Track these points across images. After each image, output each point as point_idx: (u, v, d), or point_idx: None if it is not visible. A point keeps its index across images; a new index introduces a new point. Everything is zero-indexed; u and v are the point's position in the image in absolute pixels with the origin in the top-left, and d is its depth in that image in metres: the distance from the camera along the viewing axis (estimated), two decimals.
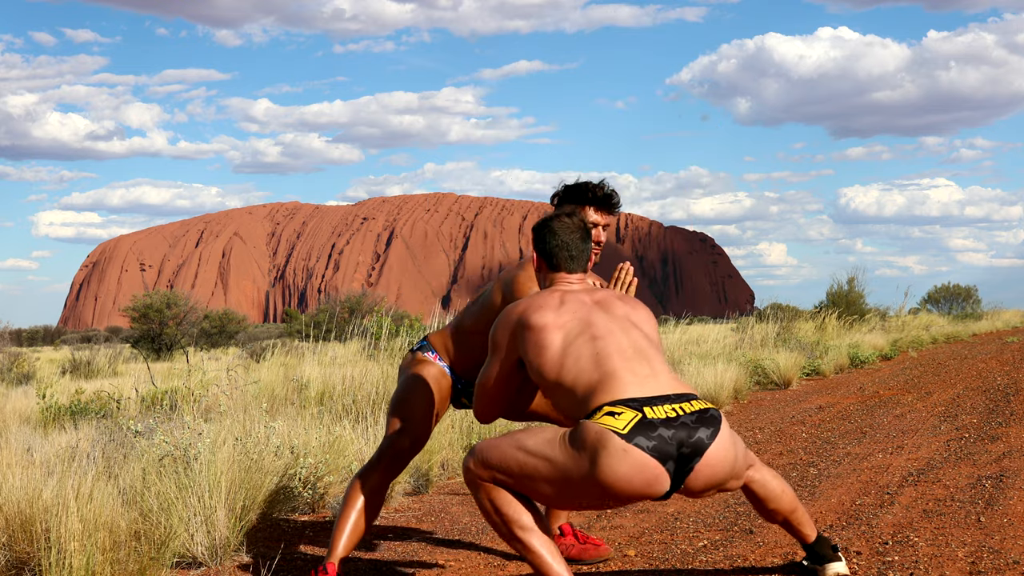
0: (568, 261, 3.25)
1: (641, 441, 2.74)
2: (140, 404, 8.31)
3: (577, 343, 2.99)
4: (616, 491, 2.78)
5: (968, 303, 36.78)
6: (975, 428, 6.98)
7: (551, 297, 3.14)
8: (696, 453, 2.80)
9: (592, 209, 3.60)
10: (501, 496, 3.01)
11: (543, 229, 3.29)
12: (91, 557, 3.28)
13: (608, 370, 2.91)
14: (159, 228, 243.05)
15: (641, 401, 2.82)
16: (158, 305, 26.83)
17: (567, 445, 2.87)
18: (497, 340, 3.17)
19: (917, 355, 16.42)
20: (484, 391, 3.24)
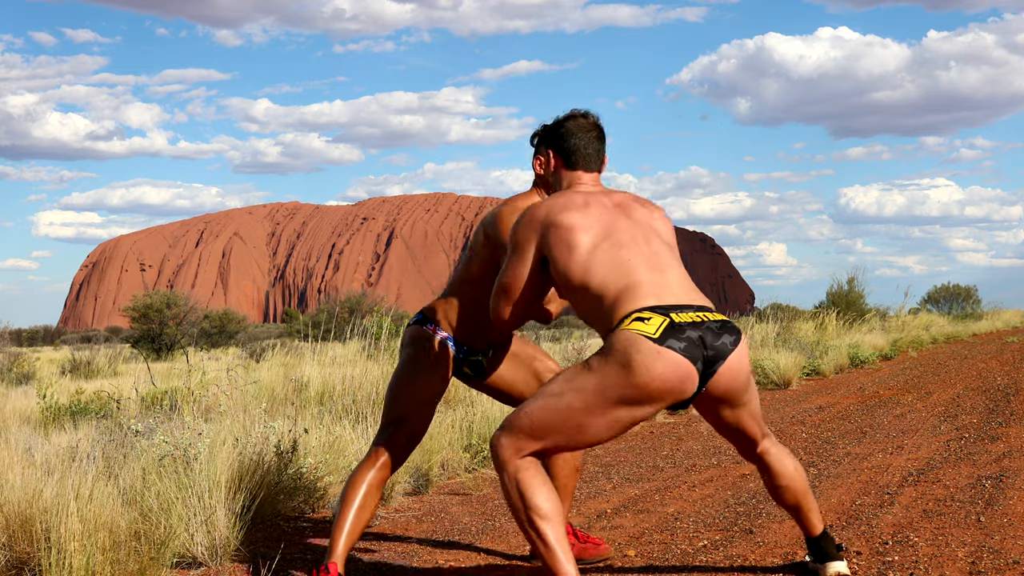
0: (586, 160, 3.28)
1: (673, 343, 2.86)
2: (140, 404, 8.31)
3: (603, 247, 3.05)
4: (652, 391, 2.87)
5: (968, 303, 36.78)
6: (975, 428, 6.98)
7: (575, 197, 3.17)
8: (720, 357, 2.94)
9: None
10: (528, 480, 2.97)
11: (558, 129, 3.31)
12: (91, 557, 3.28)
13: (633, 279, 2.99)
14: (159, 228, 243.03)
15: (667, 308, 2.94)
16: (158, 305, 26.83)
17: (598, 362, 2.93)
18: (520, 239, 3.16)
19: (917, 355, 16.42)
20: (504, 292, 3.20)
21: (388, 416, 3.58)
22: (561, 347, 14.04)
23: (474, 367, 3.71)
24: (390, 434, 3.55)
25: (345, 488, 3.53)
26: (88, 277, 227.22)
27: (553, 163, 3.35)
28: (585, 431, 2.96)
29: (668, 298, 2.98)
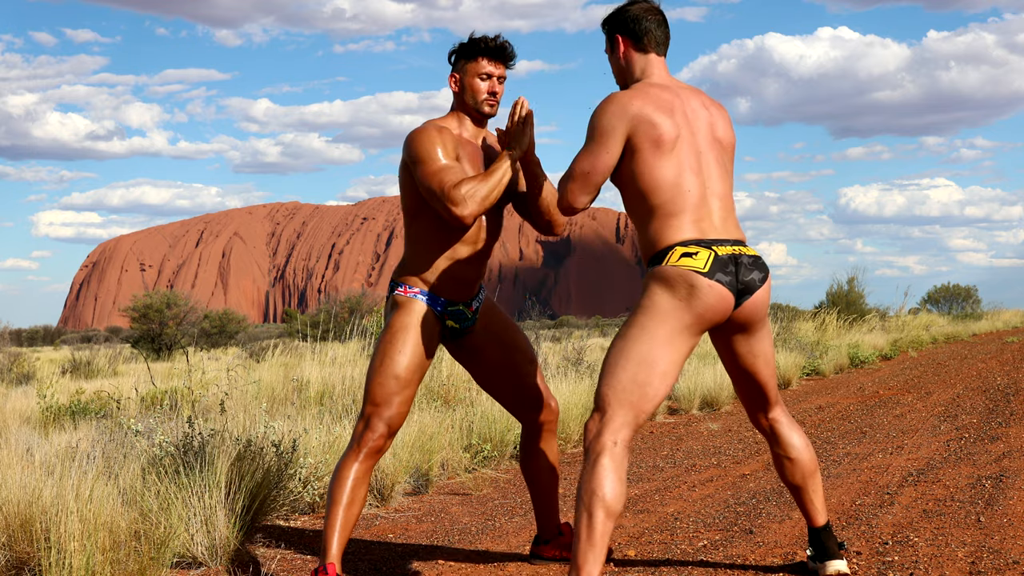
0: (658, 43, 3.33)
1: (720, 277, 3.09)
2: (140, 404, 8.31)
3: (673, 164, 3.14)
4: (705, 319, 3.10)
5: (968, 303, 36.78)
6: (975, 428, 6.98)
7: (663, 95, 3.21)
8: (748, 291, 3.16)
9: (485, 60, 3.59)
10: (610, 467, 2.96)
11: (624, 14, 3.34)
12: (91, 557, 3.28)
13: (685, 206, 3.14)
14: (159, 228, 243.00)
15: (710, 241, 3.13)
16: (158, 305, 26.81)
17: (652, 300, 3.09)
18: (606, 125, 3.16)
19: (917, 355, 16.42)
20: (582, 177, 3.19)
21: (366, 402, 3.50)
22: (561, 347, 14.04)
23: (456, 317, 3.63)
24: (369, 422, 3.47)
25: (331, 485, 3.47)
26: (88, 277, 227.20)
27: (623, 47, 3.34)
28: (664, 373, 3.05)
29: (710, 232, 3.15)
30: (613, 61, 3.42)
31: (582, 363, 10.21)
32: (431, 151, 3.49)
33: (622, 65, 3.37)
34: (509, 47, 3.64)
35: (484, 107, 3.61)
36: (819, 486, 3.44)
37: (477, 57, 3.60)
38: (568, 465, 6.38)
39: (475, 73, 3.60)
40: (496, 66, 3.62)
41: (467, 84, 3.62)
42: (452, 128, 3.62)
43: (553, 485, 3.87)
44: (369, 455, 3.47)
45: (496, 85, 3.62)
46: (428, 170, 3.46)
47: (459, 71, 3.64)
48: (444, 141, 3.53)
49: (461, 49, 3.63)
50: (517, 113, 3.52)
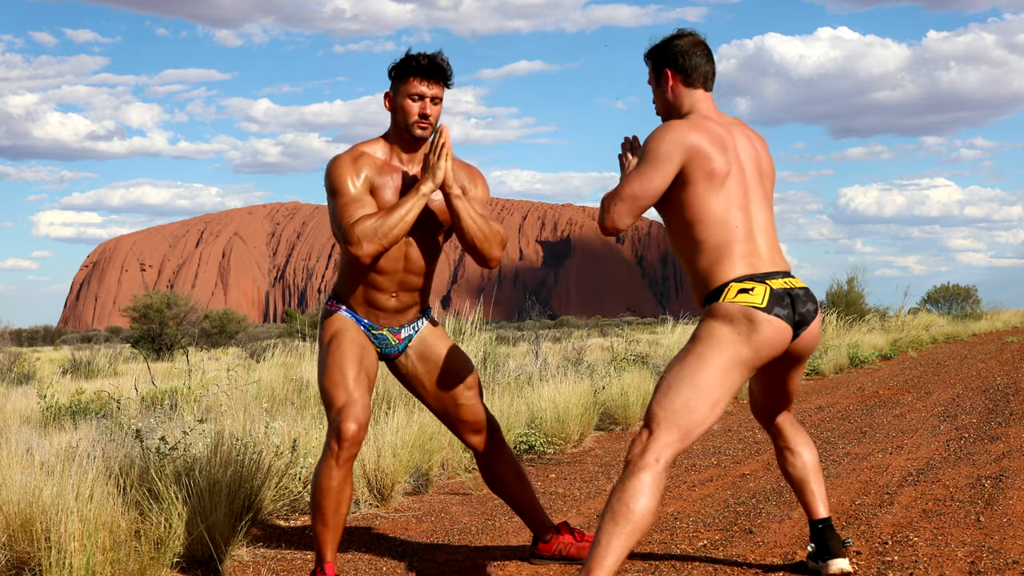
0: (705, 78, 3.35)
1: (778, 311, 3.13)
2: (140, 404, 8.31)
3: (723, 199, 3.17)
4: (764, 354, 3.12)
5: (968, 303, 36.77)
6: (975, 428, 6.98)
7: (717, 130, 3.24)
8: (805, 322, 3.21)
9: (416, 79, 3.44)
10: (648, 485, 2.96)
11: (675, 47, 3.33)
12: (91, 557, 3.28)
13: (733, 242, 3.17)
14: (159, 228, 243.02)
15: (764, 276, 3.17)
16: (158, 305, 26.80)
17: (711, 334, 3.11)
18: (663, 151, 3.16)
19: (917, 355, 16.42)
20: (632, 199, 3.18)
21: (329, 408, 3.42)
22: (561, 347, 14.03)
23: (379, 342, 3.61)
24: (339, 426, 3.34)
25: (315, 496, 3.37)
26: (88, 277, 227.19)
27: (672, 82, 3.34)
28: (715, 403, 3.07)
29: (761, 266, 3.19)
30: (659, 94, 3.42)
31: (582, 363, 10.21)
32: (342, 183, 3.40)
33: (669, 99, 3.38)
34: (444, 65, 3.48)
35: (415, 130, 3.47)
36: (821, 479, 3.50)
37: (408, 76, 3.45)
38: (567, 465, 6.38)
39: (406, 93, 3.46)
40: (429, 86, 3.46)
41: (399, 105, 3.48)
42: (377, 153, 3.51)
43: (524, 491, 3.86)
44: (347, 458, 3.35)
45: (428, 107, 3.46)
46: (336, 204, 3.39)
47: (392, 90, 3.52)
48: (358, 171, 3.43)
49: (394, 67, 3.50)
50: (435, 144, 3.40)
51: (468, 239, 3.45)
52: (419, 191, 3.38)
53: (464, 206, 3.45)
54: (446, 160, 3.39)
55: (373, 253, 3.34)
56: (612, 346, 12.24)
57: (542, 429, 6.81)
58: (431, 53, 3.48)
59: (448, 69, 3.50)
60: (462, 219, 3.44)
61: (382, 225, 3.33)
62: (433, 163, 3.39)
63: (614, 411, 8.11)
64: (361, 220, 3.34)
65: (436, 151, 3.40)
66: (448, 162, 3.40)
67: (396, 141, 3.55)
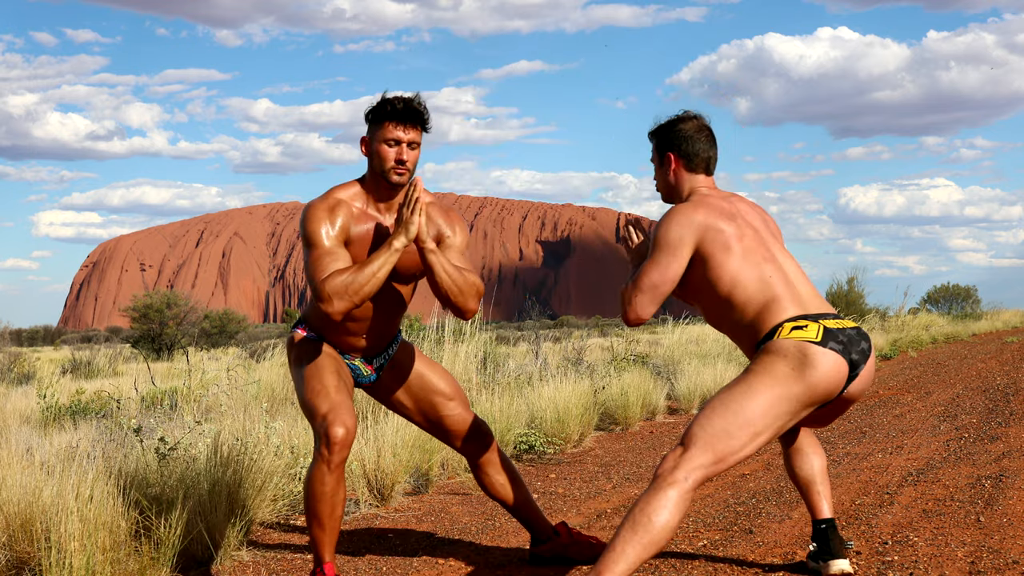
0: (707, 164, 3.39)
1: (833, 346, 3.09)
2: (140, 404, 8.31)
3: (750, 261, 3.21)
4: (819, 390, 3.07)
5: (968, 303, 36.76)
6: (975, 428, 6.98)
7: (722, 204, 3.30)
8: (862, 361, 3.16)
9: (392, 124, 3.37)
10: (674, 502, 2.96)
11: (678, 132, 3.37)
12: (91, 557, 3.28)
13: (775, 293, 3.18)
14: (159, 228, 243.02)
15: (816, 315, 3.16)
16: (158, 305, 26.80)
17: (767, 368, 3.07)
18: (674, 237, 3.22)
19: (917, 355, 16.41)
20: (651, 290, 3.23)
21: (313, 419, 3.38)
22: (561, 347, 14.03)
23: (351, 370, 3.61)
24: (327, 432, 3.30)
25: (309, 502, 3.33)
26: (88, 277, 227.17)
27: (673, 165, 3.40)
28: (756, 434, 3.04)
29: (809, 308, 3.19)
30: (660, 175, 3.47)
31: (582, 363, 10.21)
32: (316, 235, 3.34)
33: (670, 182, 3.43)
34: (421, 109, 3.40)
35: (391, 176, 3.39)
36: (827, 481, 3.51)
37: (384, 121, 3.38)
38: (567, 465, 6.38)
39: (382, 139, 3.38)
40: (406, 131, 3.38)
41: (375, 150, 3.41)
42: (354, 201, 3.44)
43: (520, 495, 3.85)
44: (339, 462, 3.32)
45: (405, 152, 3.38)
46: (310, 256, 3.34)
47: (368, 135, 3.44)
48: (333, 221, 3.37)
49: (370, 111, 3.43)
50: (409, 198, 3.31)
51: (442, 293, 3.38)
52: (392, 246, 3.30)
53: (438, 260, 3.36)
54: (419, 215, 3.30)
55: (344, 311, 3.27)
56: (612, 346, 12.24)
57: (542, 429, 6.81)
58: (407, 96, 3.40)
59: (425, 113, 3.42)
60: (436, 274, 3.36)
61: (353, 282, 3.25)
62: (406, 217, 3.30)
63: (614, 411, 8.11)
64: (332, 276, 3.26)
65: (409, 205, 3.30)
66: (421, 216, 3.31)
67: (372, 187, 3.47)
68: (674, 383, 9.86)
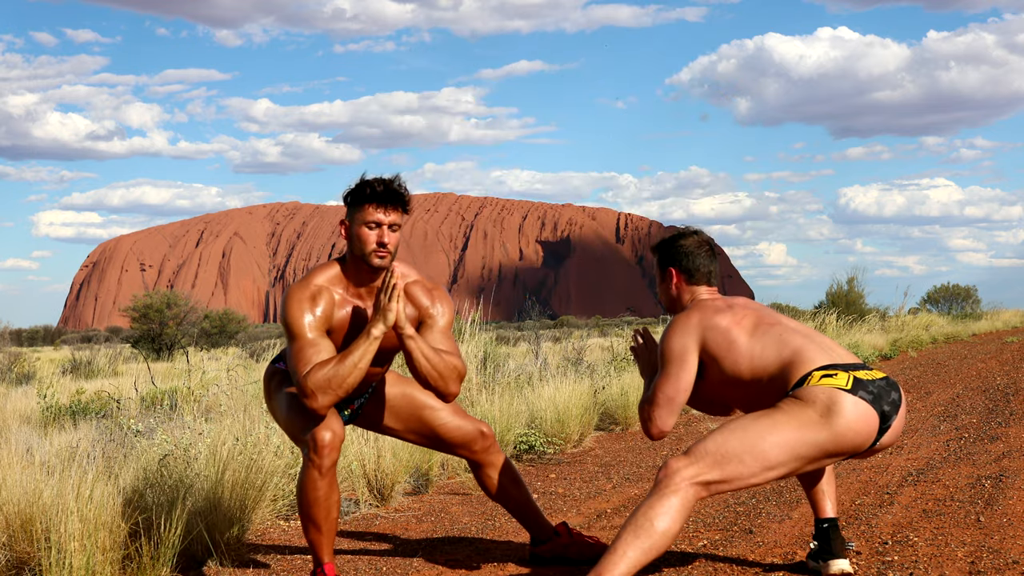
0: (707, 276, 3.49)
1: (863, 395, 3.07)
2: (140, 404, 8.32)
3: (758, 333, 3.25)
4: (846, 440, 3.05)
5: (968, 303, 36.77)
6: (975, 428, 6.98)
7: (716, 302, 3.39)
8: (894, 412, 3.13)
9: (372, 207, 3.33)
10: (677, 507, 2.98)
11: (674, 249, 3.50)
12: (91, 557, 3.28)
13: (797, 346, 3.19)
14: (159, 228, 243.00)
15: (846, 365, 3.13)
16: (158, 305, 26.81)
17: (795, 407, 3.06)
18: (677, 347, 3.30)
19: (917, 355, 16.41)
20: (669, 404, 3.29)
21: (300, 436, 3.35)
22: (561, 347, 14.04)
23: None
24: (315, 441, 3.28)
25: (303, 507, 3.32)
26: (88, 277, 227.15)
27: (676, 279, 3.50)
28: (768, 467, 3.04)
29: (838, 359, 3.17)
30: (663, 289, 3.57)
31: (582, 363, 10.21)
32: (298, 324, 3.30)
33: (672, 295, 3.53)
34: (402, 191, 3.36)
35: (372, 259, 3.35)
36: (832, 480, 3.52)
37: (364, 204, 3.33)
38: (567, 465, 6.38)
39: (362, 221, 3.34)
40: (387, 212, 3.34)
41: (355, 233, 3.36)
42: (335, 286, 3.41)
43: (521, 496, 3.85)
44: (329, 466, 3.30)
45: (386, 235, 3.34)
46: (292, 348, 3.30)
47: (348, 217, 3.39)
48: (315, 309, 3.33)
49: (350, 193, 3.38)
50: (386, 284, 3.27)
51: (421, 377, 3.35)
52: (370, 335, 3.26)
53: (416, 346, 3.32)
54: (396, 301, 3.26)
55: (328, 405, 3.24)
56: (612, 346, 12.24)
57: (542, 429, 6.81)
58: (388, 178, 3.37)
59: (406, 195, 3.38)
60: (416, 359, 3.32)
61: (335, 376, 3.22)
62: (384, 305, 3.26)
63: (614, 411, 8.11)
64: (315, 370, 3.22)
65: (387, 292, 3.27)
66: (399, 303, 3.27)
67: (353, 271, 3.43)
68: None
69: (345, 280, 3.44)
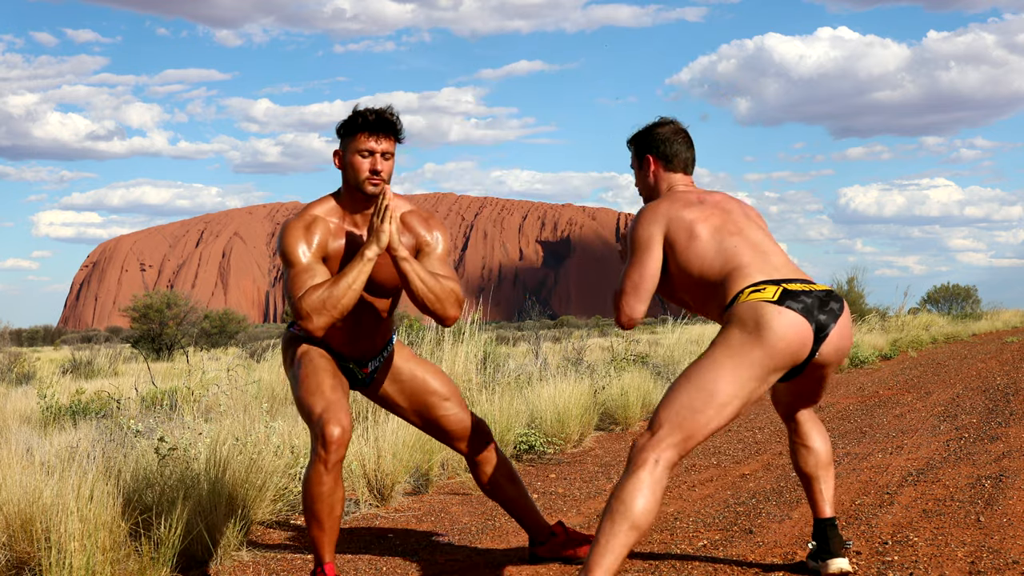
0: (684, 163, 3.48)
1: (791, 304, 3.07)
2: (140, 404, 8.31)
3: (716, 237, 3.25)
4: (778, 352, 3.04)
5: (968, 303, 36.74)
6: (975, 428, 6.98)
7: (689, 195, 3.38)
8: (829, 322, 3.13)
9: (364, 135, 3.37)
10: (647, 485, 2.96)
11: (656, 135, 3.47)
12: (91, 557, 3.28)
13: (742, 261, 3.20)
14: (159, 228, 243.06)
15: (779, 280, 3.15)
16: (158, 305, 26.80)
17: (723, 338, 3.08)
18: (644, 235, 3.30)
19: (917, 355, 16.41)
20: (635, 291, 3.29)
21: (310, 420, 3.38)
22: (561, 347, 14.03)
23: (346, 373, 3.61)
24: (323, 432, 3.29)
25: (307, 502, 3.33)
26: (88, 277, 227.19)
27: (653, 167, 3.49)
28: (723, 405, 3.04)
29: (776, 275, 3.19)
30: (640, 177, 3.55)
31: (582, 363, 10.21)
32: (293, 253, 3.36)
33: (650, 183, 3.52)
34: (393, 118, 3.39)
35: (367, 187, 3.38)
36: (831, 478, 3.50)
37: (357, 133, 3.38)
38: (567, 465, 6.38)
39: (355, 150, 3.38)
40: (379, 141, 3.38)
41: (348, 162, 3.40)
42: (330, 217, 3.44)
43: (519, 494, 3.85)
44: (336, 461, 3.31)
45: (379, 162, 3.37)
46: (289, 275, 3.37)
47: (342, 147, 3.44)
48: (310, 238, 3.38)
49: (342, 124, 3.43)
50: (379, 206, 3.31)
51: (419, 300, 3.37)
52: (364, 256, 3.30)
53: (412, 268, 3.35)
54: (390, 223, 3.30)
55: (324, 326, 3.29)
56: (612, 346, 12.23)
57: (542, 429, 6.81)
58: (380, 108, 3.40)
59: (398, 123, 3.41)
60: (411, 281, 3.35)
61: (329, 297, 3.26)
62: (377, 226, 3.29)
63: (614, 411, 8.11)
64: (309, 293, 3.27)
65: (380, 213, 3.30)
66: (393, 224, 3.30)
67: (348, 201, 3.47)
68: None
69: (341, 210, 3.48)
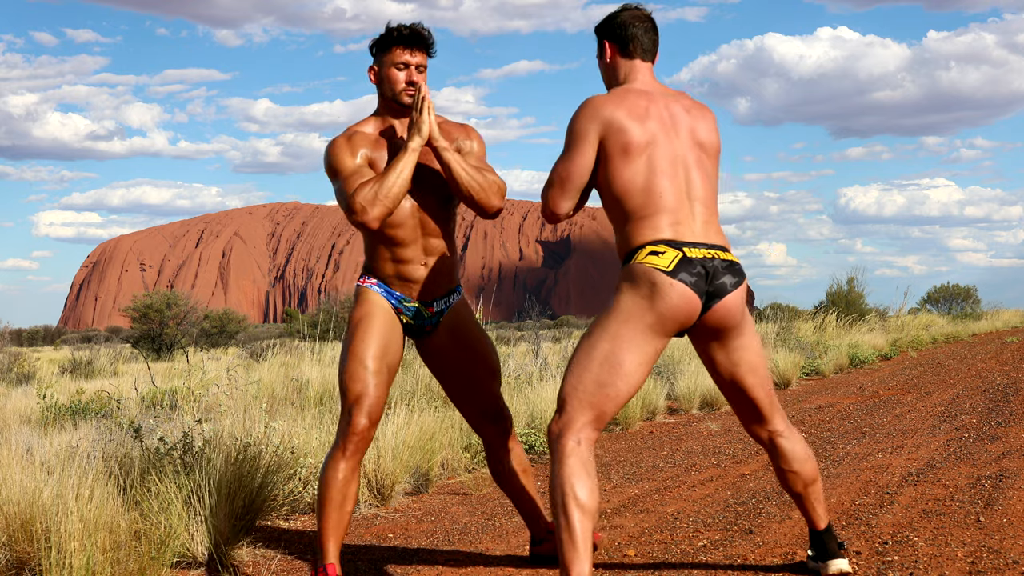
0: (643, 50, 3.36)
1: (684, 277, 3.06)
2: (140, 404, 8.31)
3: (648, 170, 3.14)
4: (667, 318, 3.06)
5: (968, 303, 36.73)
6: (975, 428, 6.98)
7: (638, 101, 3.22)
8: (718, 295, 3.12)
9: (399, 48, 3.51)
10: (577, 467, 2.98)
11: (615, 19, 3.36)
12: (91, 557, 3.28)
13: (658, 208, 3.13)
14: (159, 228, 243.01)
15: (682, 243, 3.10)
16: (158, 305, 26.80)
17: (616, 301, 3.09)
18: (581, 129, 3.19)
19: (917, 355, 16.41)
20: (561, 183, 3.22)
21: (344, 397, 3.43)
22: (561, 347, 14.03)
23: (412, 314, 3.59)
24: (351, 416, 3.38)
25: (321, 487, 3.40)
26: (88, 277, 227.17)
27: (609, 52, 3.38)
28: (629, 373, 3.05)
29: (687, 235, 3.13)
30: (601, 65, 3.45)
31: None
32: (340, 161, 3.47)
33: (608, 70, 3.41)
34: (426, 33, 3.55)
35: (403, 97, 3.51)
36: (820, 492, 3.43)
37: (391, 47, 3.52)
38: None
39: (391, 63, 3.53)
40: (413, 54, 3.52)
41: (384, 75, 3.55)
42: (368, 130, 3.57)
43: (527, 488, 3.86)
44: (355, 451, 3.38)
45: (414, 74, 3.52)
46: (339, 183, 3.46)
47: (377, 63, 3.58)
48: (353, 148, 3.50)
49: (376, 41, 3.56)
50: (416, 101, 3.45)
51: (463, 190, 3.47)
52: (408, 148, 3.42)
53: (454, 157, 3.46)
54: (428, 114, 3.43)
55: (379, 216, 3.38)
56: None
57: (542, 429, 6.81)
58: (412, 23, 3.54)
59: (430, 37, 3.55)
60: (453, 170, 3.46)
61: (380, 187, 3.37)
62: (416, 119, 3.43)
63: None
64: (360, 188, 3.38)
65: (417, 107, 3.44)
66: (431, 115, 3.44)
67: (386, 113, 3.60)
68: (674, 383, 9.86)
69: (380, 123, 3.60)
